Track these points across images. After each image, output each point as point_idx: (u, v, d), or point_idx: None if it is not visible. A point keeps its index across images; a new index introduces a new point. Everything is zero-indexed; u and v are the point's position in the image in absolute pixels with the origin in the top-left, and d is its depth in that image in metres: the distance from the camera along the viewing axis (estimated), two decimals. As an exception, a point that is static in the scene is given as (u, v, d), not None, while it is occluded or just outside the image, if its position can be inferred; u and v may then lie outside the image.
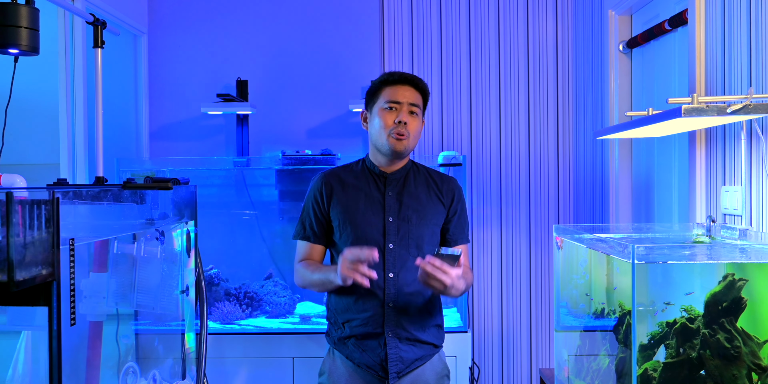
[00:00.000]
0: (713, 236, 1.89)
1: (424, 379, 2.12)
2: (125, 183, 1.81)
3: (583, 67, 3.36)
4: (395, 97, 2.10)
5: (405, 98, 2.10)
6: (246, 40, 3.54)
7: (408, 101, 2.10)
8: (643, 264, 1.49)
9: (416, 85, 2.13)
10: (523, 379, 3.52)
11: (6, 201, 1.12)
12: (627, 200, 2.93)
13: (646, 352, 1.54)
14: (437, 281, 1.90)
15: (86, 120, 2.83)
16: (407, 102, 2.10)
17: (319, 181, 2.20)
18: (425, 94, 2.16)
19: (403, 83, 2.12)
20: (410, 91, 2.12)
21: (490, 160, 3.50)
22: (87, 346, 1.70)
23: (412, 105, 2.10)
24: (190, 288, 2.14)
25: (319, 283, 2.11)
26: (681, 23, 2.36)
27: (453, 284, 1.92)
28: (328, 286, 2.09)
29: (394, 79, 2.13)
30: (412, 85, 2.13)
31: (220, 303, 3.14)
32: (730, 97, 1.63)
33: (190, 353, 2.18)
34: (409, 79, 2.13)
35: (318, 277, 2.09)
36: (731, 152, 1.93)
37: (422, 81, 2.15)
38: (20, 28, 1.89)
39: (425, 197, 2.16)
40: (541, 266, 3.50)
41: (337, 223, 2.14)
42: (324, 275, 2.07)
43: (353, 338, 2.11)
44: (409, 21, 3.51)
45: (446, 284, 1.90)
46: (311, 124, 3.54)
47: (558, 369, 2.17)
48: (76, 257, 1.35)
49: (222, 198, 3.50)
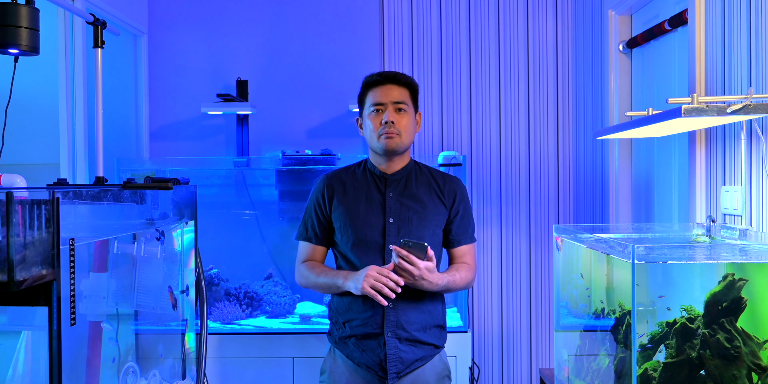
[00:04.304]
0: (713, 236, 1.89)
1: (425, 379, 2.12)
2: (125, 183, 1.81)
3: (583, 67, 3.36)
4: (378, 98, 2.11)
5: (388, 98, 2.10)
6: (246, 40, 3.54)
7: (392, 100, 2.10)
8: (643, 264, 1.49)
9: (398, 81, 2.13)
10: (523, 379, 3.52)
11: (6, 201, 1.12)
12: (627, 200, 2.93)
13: (646, 352, 1.54)
14: (405, 271, 1.97)
15: (86, 120, 2.83)
16: (391, 101, 2.10)
17: (321, 183, 2.21)
18: (411, 87, 2.16)
19: (384, 83, 2.13)
20: (394, 90, 2.12)
21: (490, 160, 3.50)
22: (87, 346, 1.70)
23: (396, 103, 2.11)
24: (190, 288, 2.14)
25: (325, 287, 2.15)
26: (681, 23, 2.36)
27: (422, 276, 1.98)
28: (334, 290, 2.13)
29: (374, 80, 2.14)
30: (393, 83, 2.13)
31: (220, 303, 3.14)
32: (730, 97, 1.63)
33: (190, 353, 2.18)
34: (389, 77, 2.13)
35: (324, 281, 2.12)
36: (731, 152, 1.93)
37: (404, 75, 2.15)
38: (20, 28, 1.89)
39: (426, 198, 2.16)
40: (541, 266, 3.50)
41: (339, 225, 2.15)
42: (331, 280, 2.11)
43: (353, 338, 2.11)
44: (409, 21, 3.51)
45: (414, 274, 1.97)
46: (311, 124, 3.54)
47: (558, 369, 2.16)
48: (76, 257, 1.35)
49: (222, 198, 3.50)
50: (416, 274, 1.97)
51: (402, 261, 1.97)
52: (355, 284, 2.02)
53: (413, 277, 1.99)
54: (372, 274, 1.99)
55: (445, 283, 2.07)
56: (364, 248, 2.11)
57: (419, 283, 2.01)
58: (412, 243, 1.97)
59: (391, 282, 1.97)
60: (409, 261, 1.96)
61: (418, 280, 2.00)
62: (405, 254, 1.96)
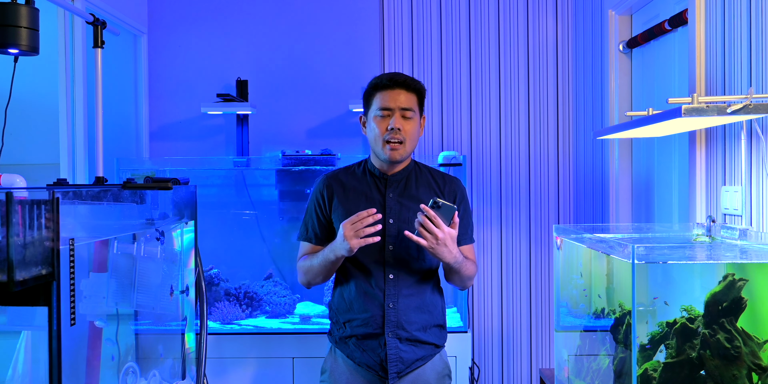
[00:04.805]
0: (713, 236, 1.89)
1: (425, 378, 2.12)
2: (125, 183, 1.81)
3: (583, 67, 3.36)
4: (386, 103, 2.08)
5: (396, 103, 2.08)
6: (246, 40, 3.54)
7: (400, 106, 2.08)
8: (643, 264, 1.49)
9: (408, 87, 2.10)
10: (523, 379, 3.52)
11: (6, 201, 1.12)
12: (627, 200, 2.93)
13: (646, 352, 1.54)
14: (430, 234, 1.92)
15: (86, 120, 2.83)
16: (399, 107, 2.08)
17: (321, 183, 2.21)
18: (419, 93, 2.14)
19: (394, 87, 2.09)
20: (402, 95, 2.09)
21: (490, 160, 3.50)
22: (87, 346, 1.70)
23: (404, 109, 2.09)
24: (190, 288, 2.14)
25: (323, 266, 2.09)
26: (681, 23, 2.36)
27: (445, 242, 1.93)
28: (332, 266, 2.08)
29: (384, 83, 2.10)
30: (403, 88, 2.10)
31: (220, 303, 3.14)
32: (730, 97, 1.63)
33: (190, 353, 2.18)
34: (399, 81, 2.10)
35: (319, 261, 2.08)
36: (731, 152, 1.93)
37: (414, 80, 2.12)
38: (20, 28, 1.89)
39: (426, 199, 2.16)
40: (541, 266, 3.50)
41: (339, 226, 2.15)
42: (323, 255, 2.07)
43: (354, 338, 2.12)
44: (409, 21, 3.51)
45: (438, 237, 1.92)
46: (311, 124, 3.54)
47: (558, 369, 2.16)
48: (76, 257, 1.35)
49: (222, 198, 3.50)
50: (440, 236, 1.92)
51: (428, 222, 1.92)
52: (343, 247, 1.98)
53: (436, 241, 1.93)
54: (348, 228, 1.95)
55: (461, 259, 2.03)
56: (365, 249, 2.11)
57: (440, 250, 1.95)
58: (441, 203, 1.91)
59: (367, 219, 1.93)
60: (436, 223, 1.92)
61: (440, 246, 1.94)
62: (432, 215, 1.91)
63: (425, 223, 1.91)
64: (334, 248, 2.02)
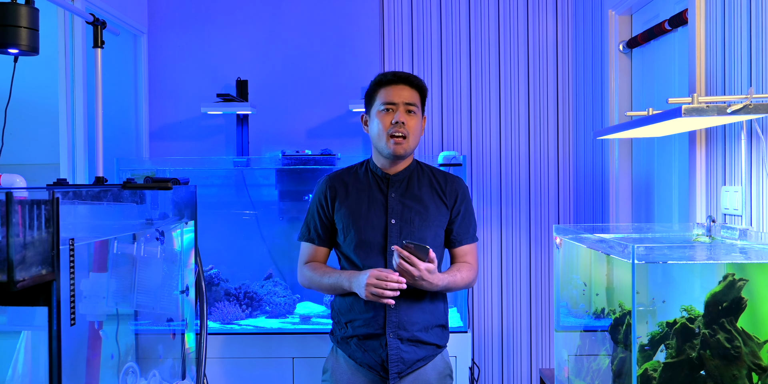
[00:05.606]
0: (713, 236, 1.89)
1: (426, 378, 2.12)
2: (125, 183, 1.81)
3: (583, 67, 3.36)
4: (390, 98, 2.10)
5: (400, 98, 2.10)
6: (246, 40, 3.54)
7: (404, 101, 2.10)
8: (643, 264, 1.48)
9: (411, 83, 2.13)
10: (523, 379, 3.52)
11: (6, 201, 1.12)
12: (627, 200, 2.93)
13: (646, 352, 1.54)
14: (405, 272, 1.98)
15: (86, 120, 2.83)
16: (403, 102, 2.10)
17: (323, 184, 2.21)
18: (422, 90, 2.16)
19: (398, 83, 2.12)
20: (406, 90, 2.11)
21: (490, 160, 3.50)
22: (87, 346, 1.70)
23: (408, 104, 2.10)
24: (190, 288, 2.14)
25: (330, 289, 2.16)
26: (681, 23, 2.36)
27: (422, 277, 1.99)
28: (339, 292, 2.14)
29: (388, 79, 2.13)
30: (406, 84, 2.12)
31: (220, 303, 3.14)
32: (730, 97, 1.63)
33: (190, 353, 2.18)
34: (403, 77, 2.13)
35: (329, 283, 2.13)
36: (731, 152, 1.93)
37: (417, 78, 2.15)
38: (20, 28, 1.89)
39: (428, 199, 2.16)
40: (541, 266, 3.50)
41: (341, 226, 2.15)
42: (336, 282, 2.11)
43: (355, 338, 2.12)
44: (409, 21, 3.51)
45: (414, 275, 1.98)
46: (311, 124, 3.54)
47: (558, 369, 2.16)
48: (76, 257, 1.35)
49: (222, 198, 3.50)
50: (416, 274, 1.98)
51: (403, 262, 1.97)
52: (359, 290, 2.04)
53: (413, 278, 2.00)
54: (372, 282, 2.00)
55: (446, 283, 2.07)
56: (367, 249, 2.12)
57: (419, 284, 2.02)
58: (414, 245, 1.98)
59: (392, 283, 1.98)
60: (410, 262, 1.97)
61: (417, 281, 2.01)
62: (406, 255, 1.97)
63: (400, 264, 1.98)
64: (352, 284, 2.07)
